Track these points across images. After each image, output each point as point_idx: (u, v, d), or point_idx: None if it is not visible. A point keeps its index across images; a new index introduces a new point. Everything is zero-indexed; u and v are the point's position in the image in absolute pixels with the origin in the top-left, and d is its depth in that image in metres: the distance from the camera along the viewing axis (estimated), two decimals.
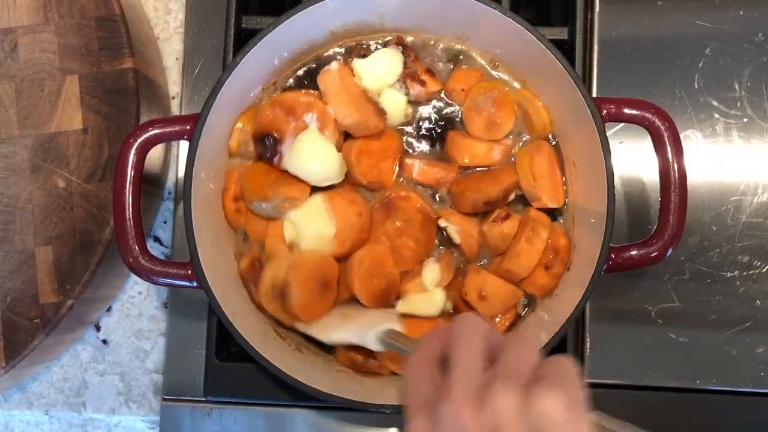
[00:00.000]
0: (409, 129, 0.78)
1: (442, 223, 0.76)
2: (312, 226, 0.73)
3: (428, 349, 0.56)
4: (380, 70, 0.75)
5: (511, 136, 0.77)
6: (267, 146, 0.73)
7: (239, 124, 0.75)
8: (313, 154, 0.72)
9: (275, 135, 0.73)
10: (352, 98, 0.74)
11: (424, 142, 0.78)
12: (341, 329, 0.72)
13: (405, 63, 0.76)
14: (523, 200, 0.77)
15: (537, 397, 0.49)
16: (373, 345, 0.70)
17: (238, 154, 0.76)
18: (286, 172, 0.73)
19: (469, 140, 0.76)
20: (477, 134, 0.76)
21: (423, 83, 0.76)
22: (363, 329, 0.71)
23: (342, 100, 0.73)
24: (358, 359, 0.75)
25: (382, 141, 0.76)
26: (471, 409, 0.49)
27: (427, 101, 0.78)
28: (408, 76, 0.76)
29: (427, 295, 0.74)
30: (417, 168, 0.77)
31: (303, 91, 0.76)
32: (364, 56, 0.76)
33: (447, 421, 0.49)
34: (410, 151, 0.78)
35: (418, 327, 0.74)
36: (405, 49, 0.77)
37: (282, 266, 0.72)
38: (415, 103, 0.78)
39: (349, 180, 0.76)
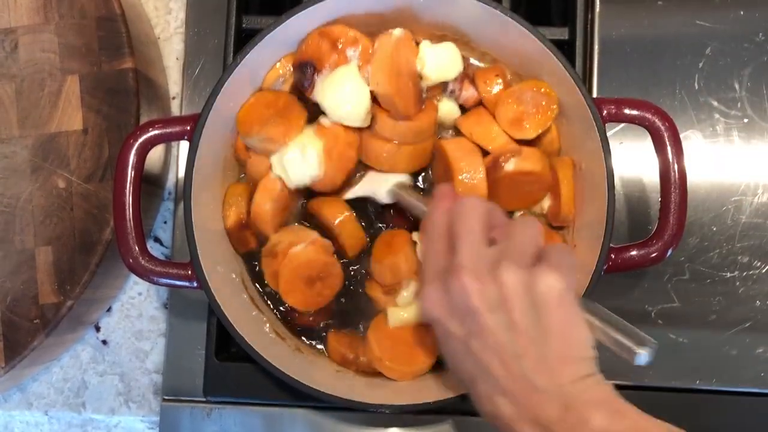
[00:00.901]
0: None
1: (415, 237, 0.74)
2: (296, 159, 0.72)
3: (438, 225, 0.61)
4: (446, 61, 0.73)
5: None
6: (305, 74, 0.71)
7: (278, 64, 0.75)
8: (342, 90, 0.70)
9: (315, 63, 0.71)
10: (394, 71, 0.70)
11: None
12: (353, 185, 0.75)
13: None
14: None
15: (540, 276, 0.54)
16: (384, 197, 0.73)
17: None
18: (287, 111, 0.72)
19: (490, 122, 0.74)
20: (500, 120, 0.74)
21: (477, 87, 0.75)
22: (374, 182, 0.74)
23: (383, 66, 0.70)
24: (349, 356, 0.75)
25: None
26: (477, 282, 0.55)
27: (472, 107, 0.76)
28: (466, 76, 0.75)
29: (413, 306, 0.74)
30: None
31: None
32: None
33: (455, 291, 0.56)
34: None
35: (408, 332, 0.73)
36: None
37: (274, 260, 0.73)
38: (460, 107, 0.77)
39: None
